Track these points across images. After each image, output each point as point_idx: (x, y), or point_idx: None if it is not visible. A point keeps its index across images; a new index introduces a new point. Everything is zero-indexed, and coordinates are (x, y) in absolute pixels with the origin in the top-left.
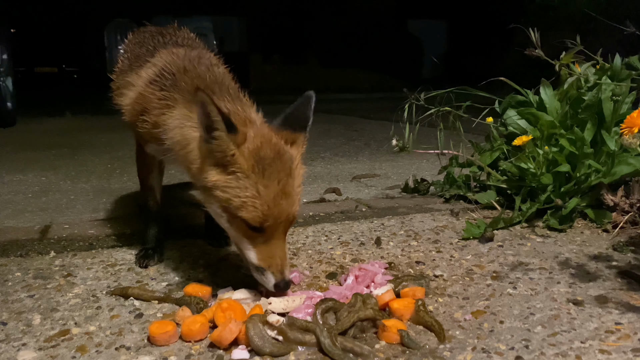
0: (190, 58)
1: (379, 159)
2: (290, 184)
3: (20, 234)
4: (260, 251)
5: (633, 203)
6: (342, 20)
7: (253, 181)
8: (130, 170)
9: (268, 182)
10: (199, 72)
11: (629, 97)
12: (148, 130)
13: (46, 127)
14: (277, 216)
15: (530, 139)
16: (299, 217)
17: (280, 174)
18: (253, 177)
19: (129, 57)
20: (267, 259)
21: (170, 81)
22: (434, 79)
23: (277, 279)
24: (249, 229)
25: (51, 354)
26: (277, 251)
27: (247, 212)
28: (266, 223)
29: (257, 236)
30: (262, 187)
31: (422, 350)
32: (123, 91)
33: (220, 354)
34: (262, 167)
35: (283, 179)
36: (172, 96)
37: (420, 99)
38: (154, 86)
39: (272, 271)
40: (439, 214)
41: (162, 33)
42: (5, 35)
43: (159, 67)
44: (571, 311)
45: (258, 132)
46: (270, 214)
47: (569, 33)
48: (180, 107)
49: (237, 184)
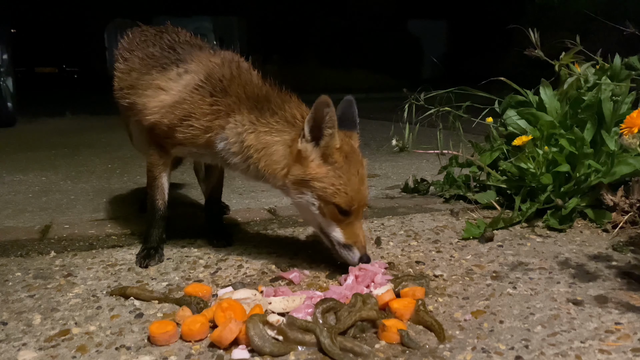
0: (230, 64)
1: (379, 159)
2: (364, 173)
3: (20, 233)
4: (346, 232)
5: (633, 203)
6: (342, 20)
7: (345, 171)
8: (130, 170)
9: (353, 172)
10: (245, 79)
11: (628, 97)
12: (192, 134)
13: (46, 127)
14: (359, 200)
15: (530, 139)
16: (300, 216)
17: (358, 165)
18: (345, 168)
19: (139, 56)
20: (353, 237)
21: (219, 87)
22: (433, 79)
23: (362, 252)
24: (339, 213)
25: (51, 353)
26: (359, 231)
27: (340, 197)
28: (353, 207)
29: (344, 219)
30: (350, 176)
31: (422, 350)
32: (144, 92)
33: (221, 354)
34: (348, 160)
35: (360, 169)
36: (225, 102)
37: (420, 99)
38: (201, 92)
39: (358, 247)
40: (439, 214)
41: (166, 31)
42: (5, 35)
43: (203, 74)
44: (571, 311)
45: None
46: (356, 198)
47: (569, 33)
48: (243, 114)
49: (333, 174)
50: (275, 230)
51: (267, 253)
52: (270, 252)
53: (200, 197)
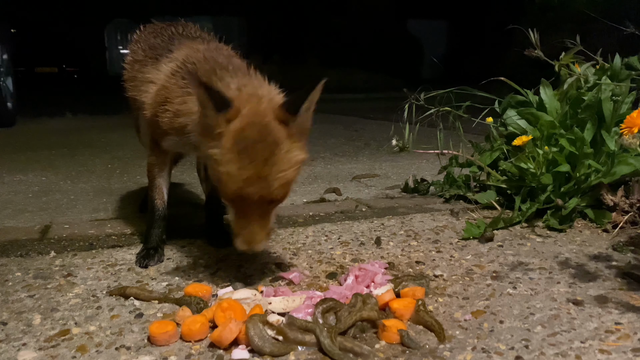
0: (210, 49)
1: (379, 159)
2: (268, 168)
3: (20, 233)
4: (237, 220)
5: (633, 203)
6: (342, 20)
7: (228, 159)
8: (130, 170)
9: (243, 162)
10: (219, 60)
11: (628, 97)
12: (169, 118)
13: (46, 127)
14: (247, 196)
15: (530, 139)
16: (300, 216)
17: (258, 157)
18: (228, 156)
19: (142, 48)
20: (240, 229)
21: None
22: (433, 79)
23: (243, 248)
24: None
25: (51, 354)
26: (250, 225)
27: (221, 185)
28: (235, 200)
29: (234, 208)
30: (236, 166)
31: (422, 350)
32: (141, 87)
33: (220, 354)
34: (240, 148)
35: (260, 162)
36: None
37: (420, 99)
38: (176, 76)
39: (242, 239)
40: (439, 214)
41: (174, 25)
42: (5, 35)
43: (181, 59)
44: (571, 311)
45: (251, 111)
46: (240, 192)
47: (569, 33)
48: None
49: (219, 159)
50: (275, 230)
51: (267, 253)
52: (270, 252)
53: (200, 197)
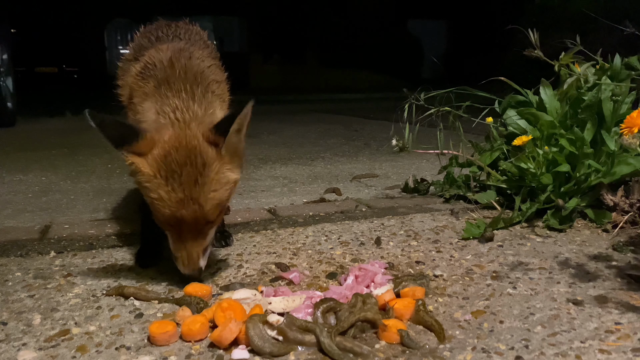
0: (173, 51)
1: (379, 159)
2: (198, 189)
3: (20, 233)
4: (174, 242)
5: (633, 203)
6: (342, 20)
7: (156, 185)
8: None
9: (172, 186)
10: (175, 66)
11: (629, 97)
12: (135, 122)
13: (46, 127)
14: (180, 219)
15: (530, 139)
16: (300, 216)
17: (187, 179)
18: (155, 181)
19: (132, 47)
20: (177, 251)
21: (147, 74)
22: (433, 79)
23: (186, 272)
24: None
25: (51, 353)
26: (186, 247)
27: (155, 212)
28: (168, 224)
29: (171, 232)
30: (164, 190)
31: (422, 350)
32: (123, 92)
33: (220, 354)
34: (166, 172)
35: (189, 184)
36: (148, 86)
37: (420, 99)
38: (137, 77)
39: (182, 263)
40: (439, 214)
41: (172, 25)
42: (5, 35)
43: (144, 62)
44: (571, 311)
45: (175, 135)
46: (172, 216)
47: (569, 33)
48: (151, 98)
49: (147, 186)
50: (275, 230)
51: (267, 253)
52: (270, 252)
53: None
